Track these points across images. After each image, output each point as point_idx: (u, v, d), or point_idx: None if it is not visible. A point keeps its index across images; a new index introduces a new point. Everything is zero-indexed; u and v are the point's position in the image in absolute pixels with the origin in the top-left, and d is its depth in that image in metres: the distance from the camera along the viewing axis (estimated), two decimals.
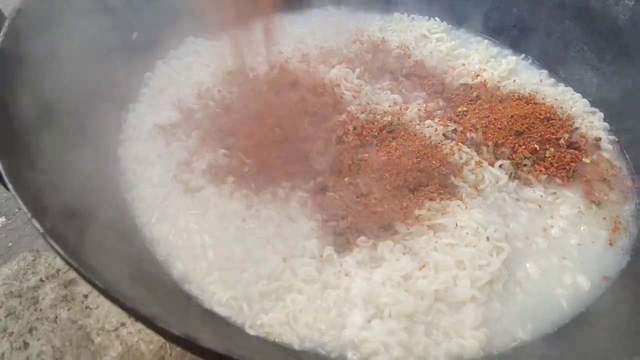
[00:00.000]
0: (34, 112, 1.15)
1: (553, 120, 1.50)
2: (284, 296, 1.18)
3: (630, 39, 1.59)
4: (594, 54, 1.69)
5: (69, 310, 1.23)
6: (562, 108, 1.62)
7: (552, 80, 1.76)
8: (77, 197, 1.11)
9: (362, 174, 1.36)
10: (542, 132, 1.45)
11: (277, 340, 1.11)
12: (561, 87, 1.73)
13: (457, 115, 1.55)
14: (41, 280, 1.27)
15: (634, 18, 1.59)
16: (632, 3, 1.57)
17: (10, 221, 1.57)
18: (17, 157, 1.03)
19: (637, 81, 1.56)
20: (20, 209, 0.88)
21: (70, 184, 1.11)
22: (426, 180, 1.35)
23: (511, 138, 1.45)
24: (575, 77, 1.73)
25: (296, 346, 1.11)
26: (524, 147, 1.43)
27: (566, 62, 1.76)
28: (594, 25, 1.69)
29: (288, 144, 1.39)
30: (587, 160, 1.49)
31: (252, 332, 1.12)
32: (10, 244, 1.44)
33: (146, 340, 1.16)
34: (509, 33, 1.88)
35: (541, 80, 1.74)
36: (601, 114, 1.63)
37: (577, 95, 1.69)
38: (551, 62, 1.79)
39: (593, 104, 1.65)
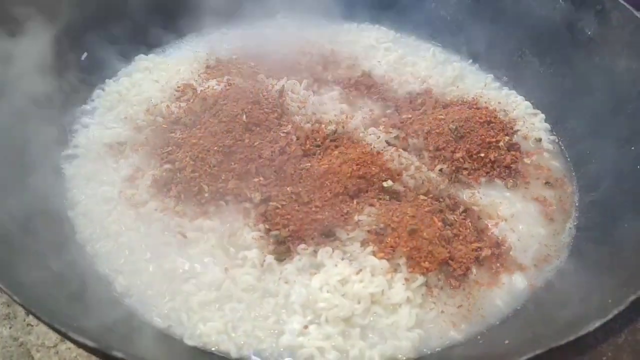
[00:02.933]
0: None
1: (493, 124, 1.54)
2: (223, 306, 1.19)
3: (567, 42, 1.64)
4: (535, 58, 1.74)
5: (10, 328, 1.24)
6: (504, 111, 1.66)
7: (497, 84, 1.81)
8: (19, 215, 1.13)
9: (304, 182, 1.39)
10: (483, 136, 1.49)
11: (214, 350, 1.13)
12: (505, 90, 1.78)
13: (401, 122, 1.58)
14: None
15: (570, 21, 1.63)
16: (566, 4, 1.62)
17: None
18: None
19: (575, 82, 1.61)
20: None
21: (12, 204, 1.14)
22: (366, 187, 1.38)
23: (452, 142, 1.48)
24: (518, 80, 1.78)
25: (233, 354, 1.13)
26: (464, 150, 1.46)
27: (510, 66, 1.81)
28: (533, 30, 1.73)
29: (232, 156, 1.42)
30: (528, 161, 1.54)
31: (190, 343, 1.14)
32: None
33: (84, 355, 1.17)
34: (456, 39, 1.92)
35: (485, 85, 1.79)
36: (542, 116, 1.67)
37: (520, 98, 1.73)
38: (496, 66, 1.84)
39: (535, 106, 1.70)
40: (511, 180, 1.48)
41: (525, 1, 1.76)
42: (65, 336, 0.83)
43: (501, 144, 1.50)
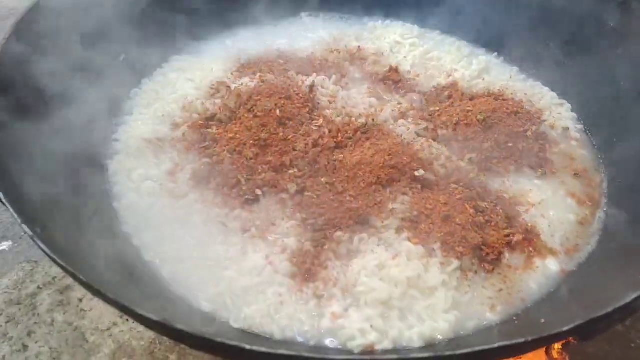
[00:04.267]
0: (28, 126, 1.25)
1: (520, 114, 1.57)
2: (265, 290, 1.24)
3: (591, 33, 1.67)
4: (559, 49, 1.77)
5: (64, 313, 1.31)
6: (531, 102, 1.69)
7: (523, 76, 1.84)
8: (69, 206, 1.20)
9: (337, 173, 1.44)
10: (511, 126, 1.52)
11: (258, 332, 1.18)
12: (530, 82, 1.81)
13: (430, 115, 1.62)
14: (39, 287, 1.35)
15: (593, 13, 1.66)
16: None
17: (16, 244, 1.65)
18: (10, 168, 1.12)
19: (600, 72, 1.64)
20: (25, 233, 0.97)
21: (62, 195, 1.20)
22: (398, 176, 1.42)
23: (480, 133, 1.52)
24: (542, 71, 1.81)
25: (277, 336, 1.17)
26: (492, 140, 1.50)
27: (534, 58, 1.84)
28: (557, 22, 1.76)
29: (268, 149, 1.47)
30: (556, 150, 1.57)
31: (236, 325, 1.19)
32: (16, 266, 1.50)
33: (137, 337, 1.23)
34: (480, 33, 1.96)
35: (511, 77, 1.82)
36: (569, 105, 1.70)
37: (546, 89, 1.77)
38: (520, 59, 1.87)
39: (561, 96, 1.72)
40: (540, 170, 1.51)
41: None
42: (129, 312, 0.89)
43: (529, 133, 1.53)
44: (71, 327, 1.28)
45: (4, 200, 1.01)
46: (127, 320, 1.19)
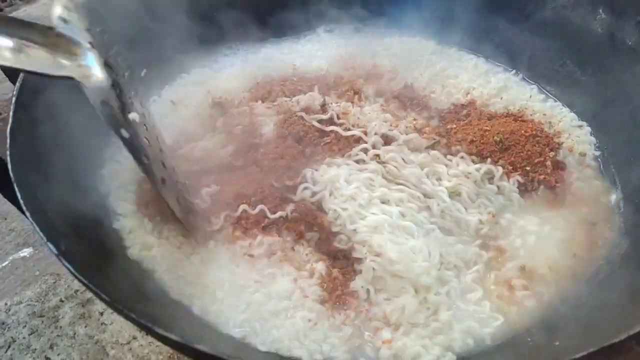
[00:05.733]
0: (49, 140, 1.27)
1: (539, 137, 1.57)
2: (294, 314, 1.24)
3: (608, 51, 1.67)
4: (577, 67, 1.77)
5: (86, 327, 1.34)
6: (550, 123, 1.68)
7: (542, 95, 1.82)
8: (89, 224, 1.23)
9: None
10: (529, 151, 1.52)
11: (286, 355, 1.18)
12: (550, 102, 1.79)
13: (446, 131, 1.61)
14: (61, 300, 1.38)
15: (610, 30, 1.67)
16: (606, 16, 1.66)
17: (37, 251, 1.68)
18: (33, 185, 1.14)
19: (617, 90, 1.65)
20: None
21: (84, 213, 1.23)
22: None
23: (497, 153, 1.52)
24: (562, 91, 1.80)
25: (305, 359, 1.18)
26: (508, 162, 1.49)
27: (553, 77, 1.83)
28: (574, 40, 1.77)
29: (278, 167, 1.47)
30: (572, 180, 1.55)
31: (263, 349, 1.19)
32: (37, 272, 1.54)
33: (156, 351, 1.26)
34: (499, 50, 1.95)
35: (530, 96, 1.80)
36: (588, 129, 1.68)
37: (566, 110, 1.75)
38: (539, 77, 1.86)
39: (580, 116, 1.72)
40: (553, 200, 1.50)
41: (564, 12, 1.79)
42: (150, 331, 0.91)
43: (547, 162, 1.52)
44: (92, 340, 1.31)
45: (30, 218, 1.04)
46: (147, 334, 1.20)
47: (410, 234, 1.34)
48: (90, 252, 1.15)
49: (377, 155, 1.49)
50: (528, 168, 1.49)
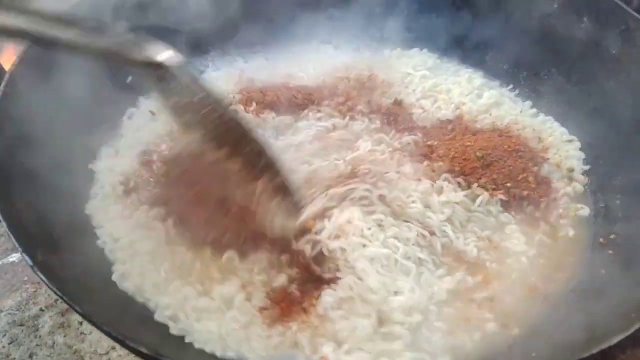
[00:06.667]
0: (28, 147, 1.28)
1: (522, 152, 1.54)
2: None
3: (592, 60, 1.66)
4: (561, 76, 1.76)
5: (65, 336, 1.36)
6: (539, 138, 1.65)
7: (534, 110, 1.78)
8: (64, 234, 1.24)
9: None
10: (511, 167, 1.49)
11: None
12: (541, 116, 1.76)
13: (428, 148, 1.59)
14: (41, 309, 1.40)
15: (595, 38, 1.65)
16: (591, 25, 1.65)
17: None
18: (11, 194, 1.16)
19: (600, 99, 1.63)
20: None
21: (59, 223, 1.24)
22: None
23: (479, 169, 1.49)
24: (554, 107, 1.77)
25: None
26: (490, 179, 1.47)
27: (540, 87, 1.82)
28: (558, 49, 1.76)
29: None
30: (558, 196, 1.52)
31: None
32: (25, 277, 1.55)
33: None
34: (495, 65, 1.92)
35: (521, 111, 1.77)
36: (578, 143, 1.65)
37: (556, 124, 1.71)
38: (533, 91, 1.83)
39: (570, 130, 1.69)
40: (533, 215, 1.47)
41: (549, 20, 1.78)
42: (122, 343, 0.93)
43: (530, 177, 1.49)
44: (71, 350, 1.33)
45: (6, 229, 1.05)
46: None
47: (406, 274, 1.30)
48: (69, 263, 1.16)
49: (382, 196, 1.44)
50: (509, 184, 1.46)
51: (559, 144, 1.65)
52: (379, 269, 1.28)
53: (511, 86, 1.87)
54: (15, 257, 1.55)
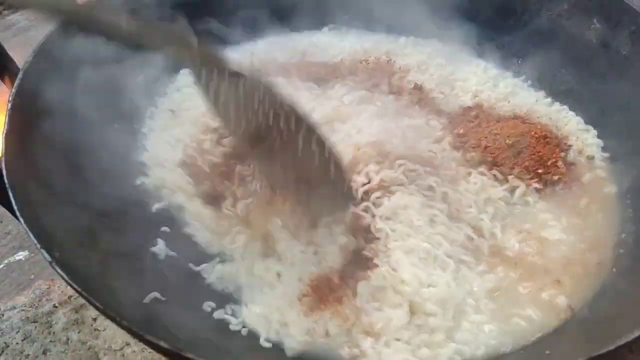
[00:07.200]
0: (45, 144, 1.22)
1: (549, 139, 1.54)
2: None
3: (603, 60, 1.69)
4: (571, 76, 1.78)
5: (79, 332, 1.31)
6: (556, 126, 1.66)
7: (549, 99, 1.79)
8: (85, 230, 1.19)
9: None
10: (540, 153, 1.49)
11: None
12: (556, 105, 1.77)
13: (458, 137, 1.58)
14: (55, 306, 1.35)
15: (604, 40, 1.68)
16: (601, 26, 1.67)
17: (32, 254, 1.64)
18: (29, 191, 1.10)
19: (612, 99, 1.64)
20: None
21: (80, 218, 1.19)
22: None
23: (511, 158, 1.49)
24: (568, 97, 1.78)
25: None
26: (522, 167, 1.47)
27: (553, 84, 1.82)
28: (571, 49, 1.77)
29: None
30: (584, 180, 1.53)
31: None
32: (32, 276, 1.52)
33: (148, 357, 1.23)
34: (508, 57, 1.93)
35: (537, 100, 1.78)
36: (595, 132, 1.67)
37: (571, 114, 1.73)
38: (546, 83, 1.84)
39: (587, 121, 1.70)
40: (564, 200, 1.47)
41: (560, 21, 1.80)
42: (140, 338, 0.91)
43: (559, 162, 1.50)
44: (85, 346, 1.28)
45: (24, 225, 1.01)
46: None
47: (443, 269, 1.27)
48: (86, 260, 1.11)
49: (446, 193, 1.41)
50: (540, 170, 1.47)
51: (577, 132, 1.67)
52: (416, 261, 1.26)
53: (523, 77, 1.88)
54: (22, 255, 1.52)
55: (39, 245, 0.99)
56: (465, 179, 1.46)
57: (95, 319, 1.32)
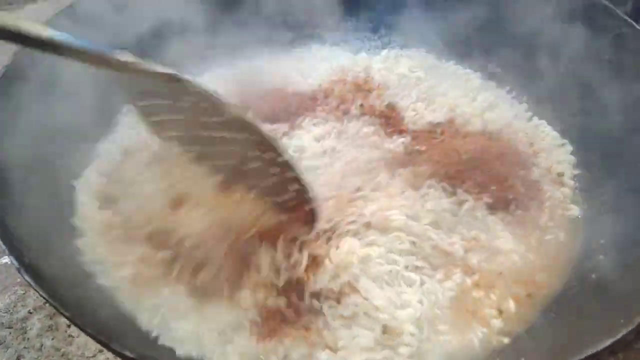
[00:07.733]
0: (18, 150, 1.26)
1: (509, 156, 1.53)
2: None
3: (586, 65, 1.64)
4: (555, 84, 1.72)
5: (53, 339, 1.36)
6: (530, 143, 1.63)
7: (528, 114, 1.76)
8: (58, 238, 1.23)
9: None
10: (497, 170, 1.47)
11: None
12: (535, 120, 1.73)
13: (416, 152, 1.57)
14: (29, 312, 1.41)
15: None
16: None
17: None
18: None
19: (593, 104, 1.60)
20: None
21: (54, 227, 1.24)
22: None
23: (463, 172, 1.47)
24: (546, 110, 1.75)
25: None
26: (475, 182, 1.45)
27: (534, 90, 1.79)
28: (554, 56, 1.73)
29: None
30: (545, 199, 1.50)
31: None
32: (19, 279, 1.55)
33: None
34: (489, 66, 1.92)
35: (516, 115, 1.74)
36: (570, 147, 1.63)
37: (549, 129, 1.69)
38: (528, 94, 1.81)
39: (562, 134, 1.67)
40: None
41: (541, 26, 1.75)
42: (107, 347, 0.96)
43: (516, 181, 1.47)
44: (59, 353, 1.33)
45: None
46: None
47: (409, 285, 1.28)
48: (58, 267, 1.15)
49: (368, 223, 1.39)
50: (494, 187, 1.45)
51: (550, 148, 1.63)
52: (383, 285, 1.26)
53: (508, 88, 1.85)
54: (7, 259, 1.54)
55: (7, 251, 1.03)
56: (399, 197, 1.44)
57: (69, 326, 1.38)
